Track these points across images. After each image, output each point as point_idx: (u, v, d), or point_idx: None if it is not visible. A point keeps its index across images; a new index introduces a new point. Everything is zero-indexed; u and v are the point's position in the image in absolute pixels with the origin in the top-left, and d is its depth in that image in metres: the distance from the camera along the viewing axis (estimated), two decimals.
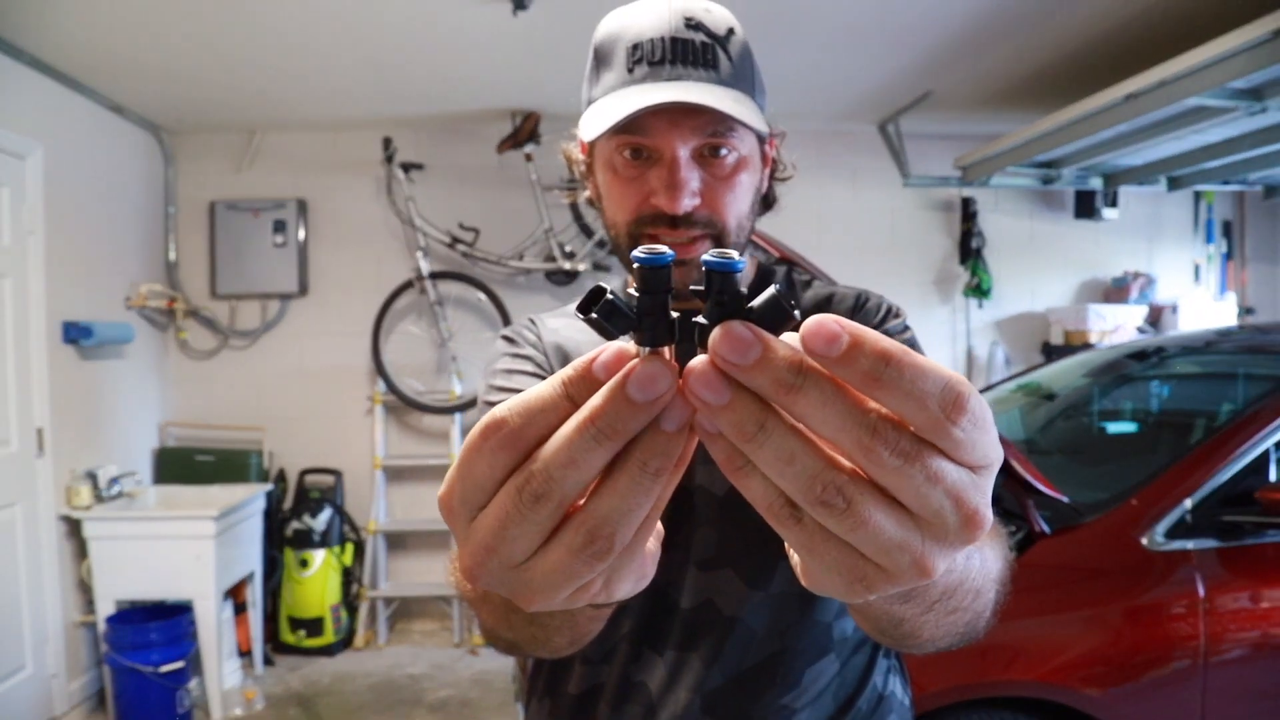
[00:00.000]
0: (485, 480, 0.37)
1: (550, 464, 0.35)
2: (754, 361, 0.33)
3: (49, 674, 3.48)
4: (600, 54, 0.96)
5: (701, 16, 0.93)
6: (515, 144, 4.26)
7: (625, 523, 0.36)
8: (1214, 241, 5.27)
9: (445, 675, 4.05)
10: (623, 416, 0.34)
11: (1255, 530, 2.26)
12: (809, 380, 0.33)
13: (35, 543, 3.44)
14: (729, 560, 0.97)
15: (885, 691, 1.03)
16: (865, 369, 0.32)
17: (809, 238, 4.70)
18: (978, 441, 0.34)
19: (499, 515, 0.36)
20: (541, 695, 1.07)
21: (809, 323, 0.32)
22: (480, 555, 0.37)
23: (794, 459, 0.34)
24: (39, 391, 3.48)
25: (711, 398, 0.34)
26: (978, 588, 0.67)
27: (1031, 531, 2.27)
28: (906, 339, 1.00)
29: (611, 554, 0.36)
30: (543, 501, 0.35)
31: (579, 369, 0.36)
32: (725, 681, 0.97)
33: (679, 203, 0.91)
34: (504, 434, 0.36)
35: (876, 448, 0.33)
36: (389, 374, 4.48)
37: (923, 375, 0.32)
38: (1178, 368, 3.23)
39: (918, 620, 0.67)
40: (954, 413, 0.32)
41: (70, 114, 3.72)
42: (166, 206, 4.53)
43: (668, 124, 0.90)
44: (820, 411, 0.33)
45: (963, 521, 0.34)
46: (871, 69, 3.84)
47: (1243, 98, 3.04)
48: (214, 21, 3.17)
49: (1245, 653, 2.21)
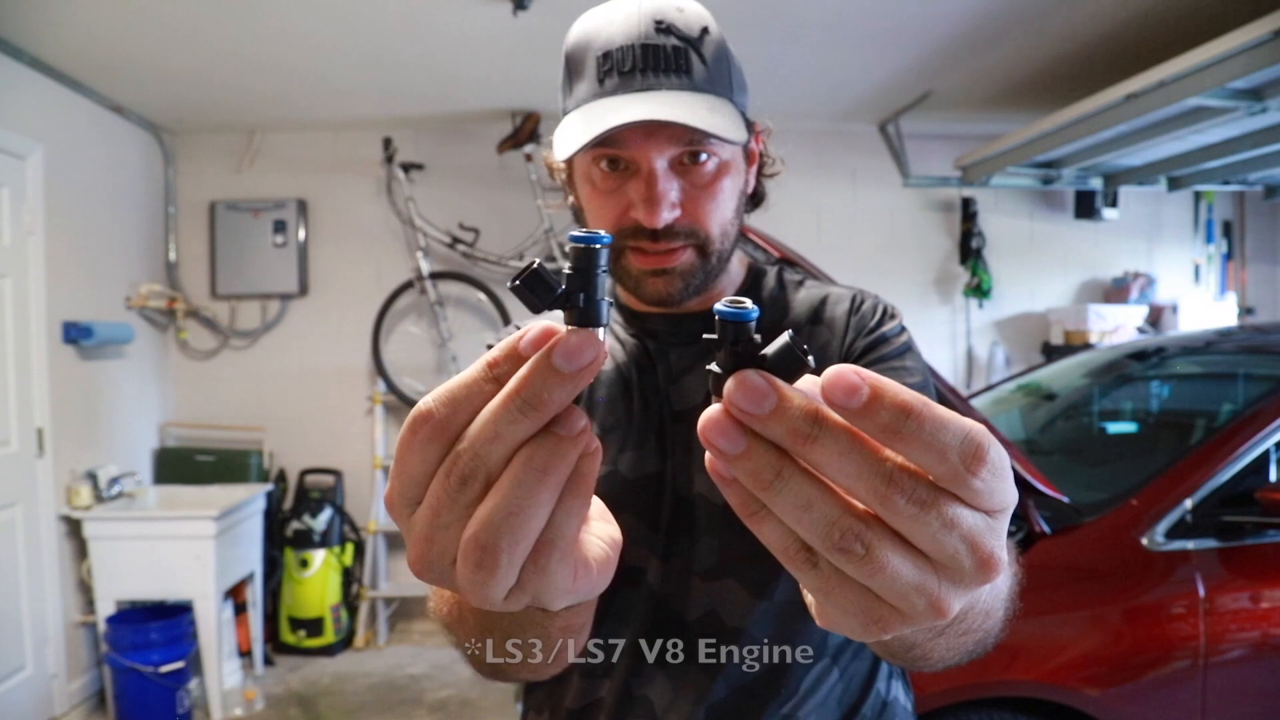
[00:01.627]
0: (419, 474, 0.37)
1: (475, 440, 0.35)
2: (769, 411, 0.33)
3: (49, 674, 3.48)
4: (571, 63, 0.93)
5: (673, 18, 0.89)
6: (515, 144, 4.26)
7: (507, 531, 0.36)
8: (1214, 241, 5.27)
9: (445, 675, 4.04)
10: (549, 385, 0.34)
11: (1255, 530, 2.25)
12: (825, 430, 0.33)
13: (35, 543, 3.44)
14: (732, 570, 0.94)
15: (889, 698, 1.02)
16: (885, 422, 0.32)
17: (809, 237, 4.72)
18: (995, 490, 0.34)
19: (432, 504, 0.36)
20: (539, 709, 1.04)
21: (829, 373, 0.32)
22: (421, 547, 0.38)
23: (811, 506, 0.34)
24: (39, 392, 3.48)
25: (728, 446, 0.34)
26: (988, 609, 0.67)
27: (1032, 531, 2.26)
28: (904, 341, 0.99)
29: (497, 567, 0.36)
30: (469, 483, 0.35)
31: (505, 349, 0.36)
32: (729, 693, 0.94)
33: (658, 216, 0.89)
34: (432, 425, 0.36)
35: (893, 496, 0.33)
36: (389, 374, 4.48)
37: (943, 428, 0.32)
38: (1178, 368, 3.22)
39: (928, 645, 0.67)
40: (974, 464, 0.33)
41: (70, 114, 3.72)
42: (167, 206, 4.52)
43: (643, 136, 0.88)
44: (836, 461, 0.33)
45: (978, 565, 0.35)
46: (871, 69, 3.84)
47: (1243, 98, 3.04)
48: (214, 22, 3.16)
49: (1245, 653, 2.20)
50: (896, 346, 0.98)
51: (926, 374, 0.99)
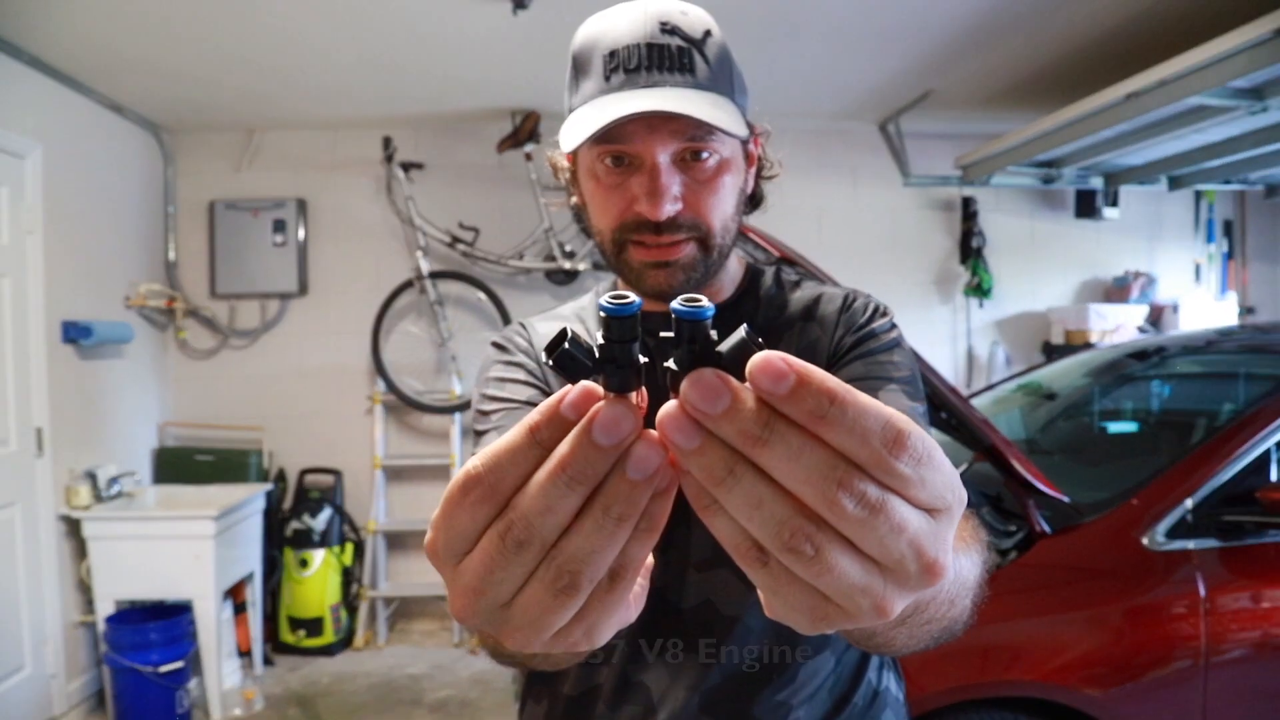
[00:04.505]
0: (468, 530, 0.38)
1: (528, 512, 0.36)
2: (722, 412, 0.33)
3: (48, 674, 3.47)
4: (578, 62, 0.96)
5: (677, 20, 0.93)
6: (515, 143, 4.26)
7: (591, 563, 0.37)
8: (1215, 241, 5.27)
9: (445, 675, 4.04)
10: (590, 461, 0.35)
11: (1256, 530, 2.25)
12: (775, 433, 0.33)
13: (34, 543, 3.43)
14: (725, 560, 0.94)
15: (880, 687, 1.04)
16: (810, 408, 0.33)
17: (809, 237, 4.71)
18: (927, 479, 0.34)
19: (484, 561, 0.37)
20: (537, 696, 1.07)
21: (756, 359, 0.33)
22: (469, 598, 0.39)
23: (762, 504, 0.34)
24: (38, 391, 3.47)
25: (682, 441, 0.34)
26: (951, 598, 0.68)
27: (1032, 531, 2.26)
28: (893, 337, 1.01)
29: (578, 591, 0.37)
30: (525, 547, 0.36)
31: (546, 412, 0.36)
32: (724, 680, 0.97)
33: (661, 209, 0.91)
34: (482, 489, 0.37)
35: (841, 500, 0.33)
36: (389, 373, 4.47)
37: (865, 414, 0.33)
38: (1178, 367, 3.21)
39: (889, 634, 0.68)
40: (895, 448, 0.33)
41: (69, 113, 3.71)
42: (166, 206, 4.52)
43: (646, 130, 0.90)
44: (785, 465, 0.33)
45: (922, 570, 0.36)
46: (872, 68, 3.83)
47: (1244, 97, 3.05)
48: (213, 20, 3.16)
49: (1247, 653, 2.19)
50: (884, 342, 1.00)
51: (915, 370, 1.00)
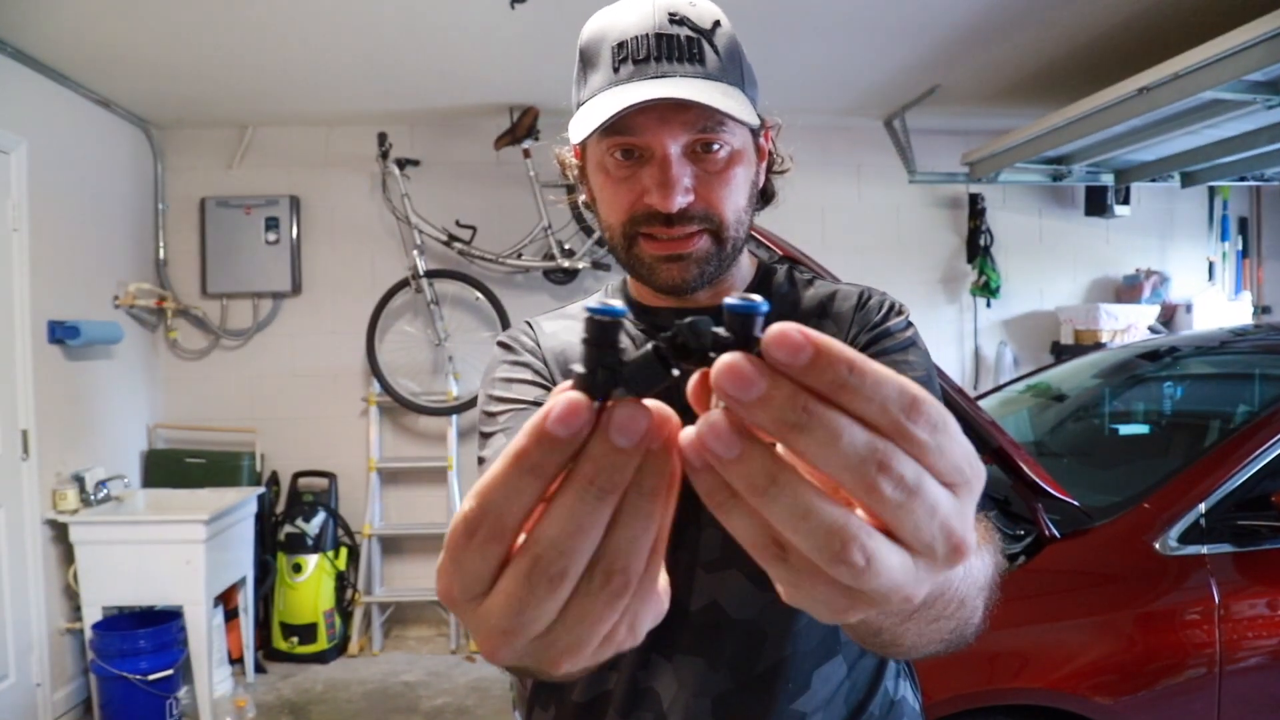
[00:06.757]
0: (482, 572, 0.36)
1: (558, 540, 0.34)
2: (758, 397, 0.32)
3: (33, 683, 3.44)
4: (586, 56, 0.96)
5: (686, 11, 0.93)
6: (513, 140, 4.25)
7: (635, 554, 0.36)
8: (1229, 239, 5.25)
9: (441, 682, 4.02)
10: (618, 466, 0.34)
11: (1271, 535, 2.24)
12: (814, 416, 0.32)
13: (20, 547, 3.40)
14: (735, 561, 0.96)
15: (897, 696, 1.04)
16: (831, 378, 0.32)
17: (813, 235, 4.71)
18: (945, 447, 0.34)
19: (512, 602, 0.36)
20: (544, 704, 1.07)
21: (772, 331, 0.32)
22: (499, 640, 0.37)
23: (809, 514, 0.33)
24: (24, 393, 3.44)
25: (723, 450, 0.33)
26: (961, 597, 0.66)
27: (1041, 535, 2.25)
28: (908, 336, 1.01)
29: (629, 586, 0.36)
30: (559, 579, 0.35)
31: (530, 434, 0.34)
32: (735, 685, 0.97)
33: (672, 200, 0.91)
34: (486, 528, 0.35)
35: (881, 485, 0.32)
36: (384, 374, 4.44)
37: (883, 382, 0.33)
38: (1191, 368, 3.20)
39: (896, 630, 0.67)
40: (913, 413, 0.33)
41: (56, 108, 3.69)
42: (156, 203, 4.50)
43: (657, 121, 0.90)
44: (827, 450, 0.32)
45: (950, 550, 0.35)
46: (877, 63, 3.83)
47: (1260, 91, 3.03)
48: (204, 14, 3.14)
49: (1262, 660, 2.18)
50: (900, 341, 1.00)
51: (931, 370, 1.01)
